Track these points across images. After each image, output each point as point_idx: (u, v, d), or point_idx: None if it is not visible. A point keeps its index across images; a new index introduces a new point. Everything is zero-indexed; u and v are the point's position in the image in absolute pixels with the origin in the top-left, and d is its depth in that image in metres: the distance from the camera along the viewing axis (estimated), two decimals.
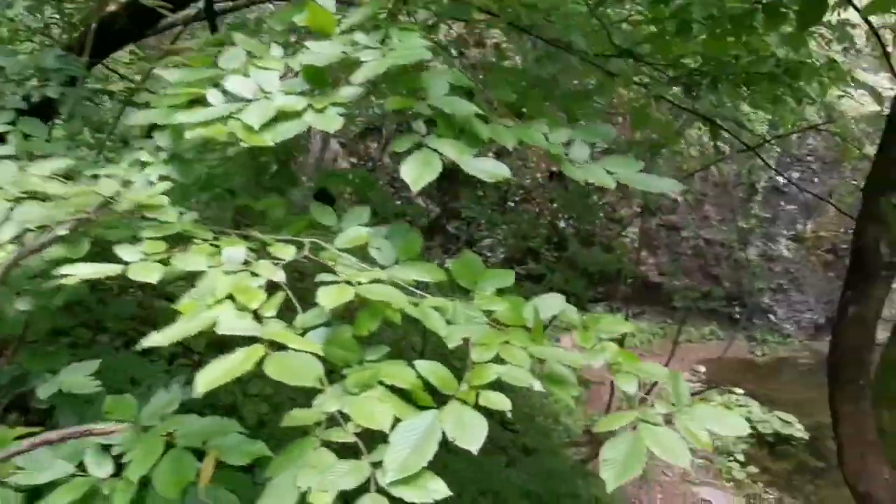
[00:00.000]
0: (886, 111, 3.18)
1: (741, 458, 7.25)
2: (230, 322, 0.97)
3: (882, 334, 3.19)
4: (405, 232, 1.40)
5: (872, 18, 3.64)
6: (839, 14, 4.89)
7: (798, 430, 7.66)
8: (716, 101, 3.67)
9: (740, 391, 8.41)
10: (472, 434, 0.96)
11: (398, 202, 8.83)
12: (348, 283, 1.11)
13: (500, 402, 1.01)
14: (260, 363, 0.92)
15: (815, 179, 10.37)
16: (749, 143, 4.68)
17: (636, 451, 1.07)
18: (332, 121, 1.26)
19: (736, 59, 3.38)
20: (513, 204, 10.02)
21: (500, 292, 1.35)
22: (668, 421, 1.16)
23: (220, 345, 1.01)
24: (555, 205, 9.73)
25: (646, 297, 10.43)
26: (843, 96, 4.32)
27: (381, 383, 1.06)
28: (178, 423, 1.33)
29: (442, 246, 9.77)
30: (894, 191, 2.91)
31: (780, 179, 10.61)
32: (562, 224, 9.72)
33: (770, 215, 10.64)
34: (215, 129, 1.16)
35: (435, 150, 1.26)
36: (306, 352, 0.95)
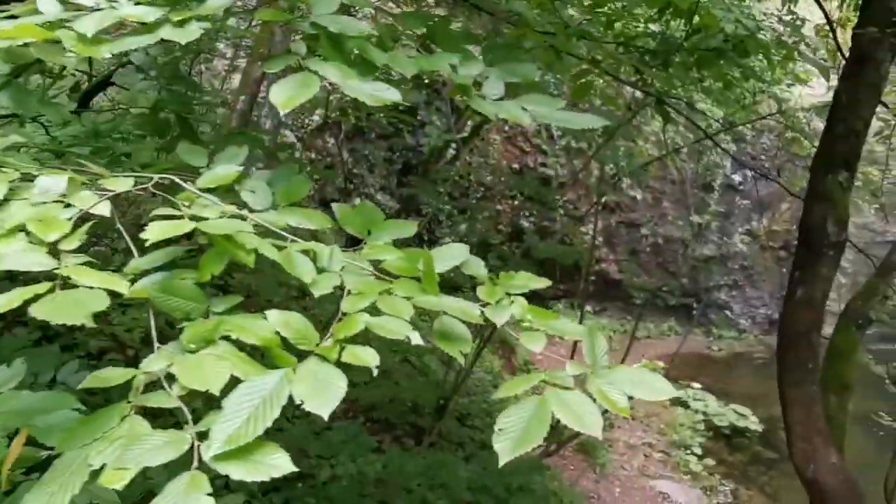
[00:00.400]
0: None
1: (698, 450, 7.27)
2: (16, 257, 0.76)
3: (828, 330, 3.14)
4: (290, 176, 1.20)
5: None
6: (789, 8, 4.92)
7: (753, 423, 7.75)
8: (667, 83, 3.59)
9: (698, 385, 8.47)
10: (326, 396, 0.77)
11: (357, 198, 8.58)
12: (194, 218, 0.90)
13: (367, 357, 0.82)
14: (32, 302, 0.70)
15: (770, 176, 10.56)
16: (704, 131, 4.64)
17: (539, 418, 0.89)
18: (190, 34, 1.06)
19: (686, 38, 3.31)
20: (474, 201, 9.90)
21: (398, 246, 1.16)
22: (582, 385, 0.99)
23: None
24: (516, 202, 9.66)
25: (607, 294, 10.44)
26: (792, 84, 4.32)
27: (226, 339, 0.85)
28: (10, 400, 1.10)
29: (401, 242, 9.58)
30: (841, 168, 2.86)
31: (736, 178, 10.78)
32: (523, 222, 9.68)
33: (724, 210, 10.80)
34: (32, 31, 0.94)
35: (315, 73, 1.07)
36: (103, 289, 0.74)
